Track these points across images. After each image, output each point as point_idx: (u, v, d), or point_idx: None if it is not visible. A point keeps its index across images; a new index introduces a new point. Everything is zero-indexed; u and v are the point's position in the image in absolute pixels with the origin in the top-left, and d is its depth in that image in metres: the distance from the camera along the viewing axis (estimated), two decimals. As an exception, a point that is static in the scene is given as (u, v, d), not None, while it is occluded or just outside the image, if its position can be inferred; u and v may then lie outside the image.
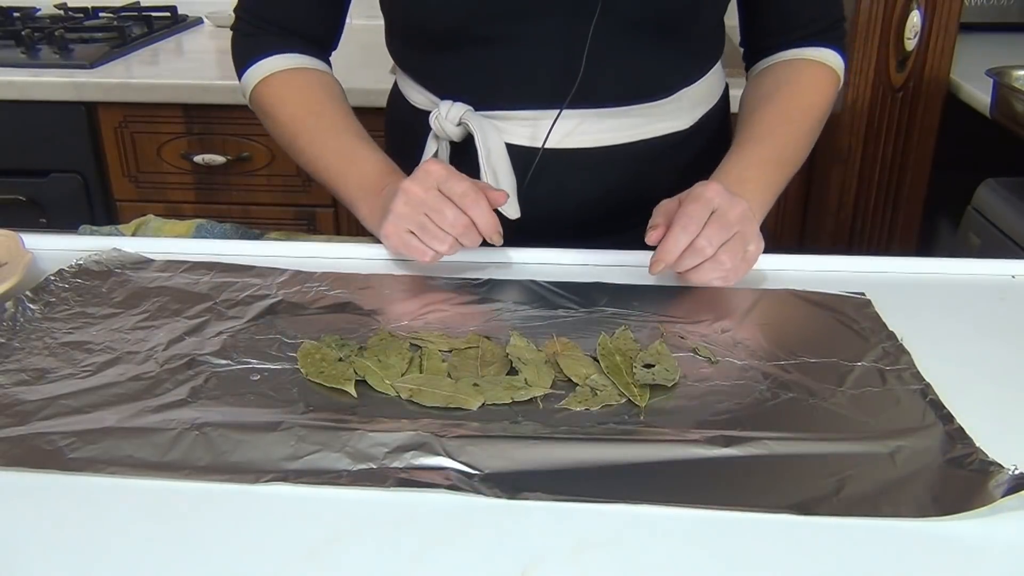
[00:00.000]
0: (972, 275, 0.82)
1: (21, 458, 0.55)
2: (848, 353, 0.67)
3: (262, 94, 0.92)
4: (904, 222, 1.56)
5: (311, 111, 0.90)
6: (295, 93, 0.91)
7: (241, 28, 0.94)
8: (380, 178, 0.85)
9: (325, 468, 0.54)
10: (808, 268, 0.83)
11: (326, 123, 0.90)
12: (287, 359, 0.66)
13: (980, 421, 0.59)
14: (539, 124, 0.85)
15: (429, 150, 0.90)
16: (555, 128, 0.84)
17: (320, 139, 0.89)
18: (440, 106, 0.87)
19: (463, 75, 0.86)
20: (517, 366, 0.65)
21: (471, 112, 0.86)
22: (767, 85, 0.92)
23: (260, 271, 0.80)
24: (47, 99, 1.61)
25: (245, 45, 0.93)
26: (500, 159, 0.85)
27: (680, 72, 0.89)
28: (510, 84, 0.85)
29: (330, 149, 0.89)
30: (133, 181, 1.69)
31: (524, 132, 0.86)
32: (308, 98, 0.91)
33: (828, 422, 0.59)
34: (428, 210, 0.76)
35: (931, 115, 1.47)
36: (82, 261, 0.80)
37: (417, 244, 0.78)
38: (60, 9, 2.02)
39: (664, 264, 0.74)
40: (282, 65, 0.91)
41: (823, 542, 0.50)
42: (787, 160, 0.88)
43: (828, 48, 0.92)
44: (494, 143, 0.85)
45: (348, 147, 0.88)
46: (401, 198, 0.77)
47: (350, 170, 0.87)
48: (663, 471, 0.55)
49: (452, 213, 0.75)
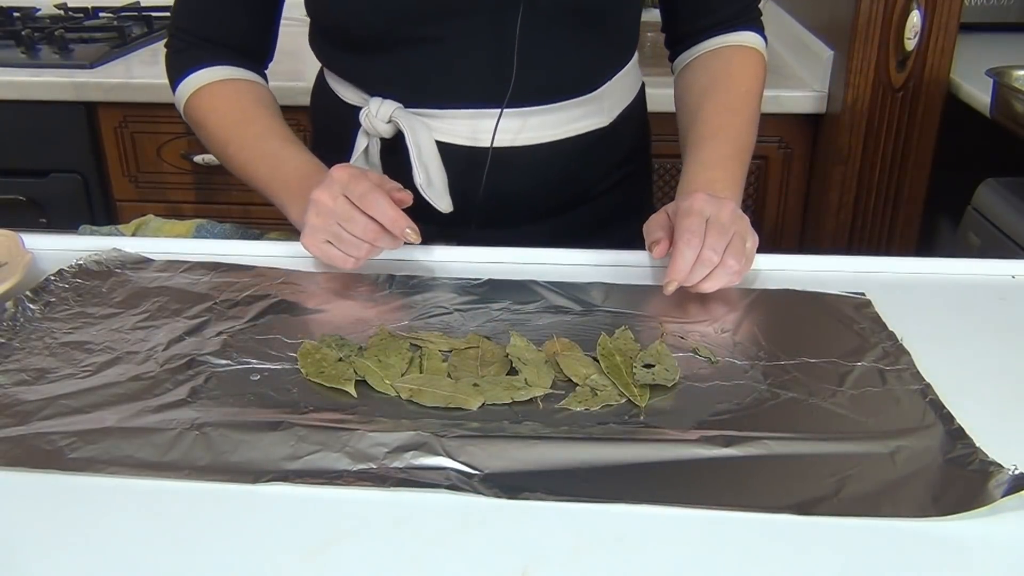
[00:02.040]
0: (972, 275, 0.82)
1: (21, 458, 0.55)
2: (848, 353, 0.67)
3: (193, 106, 0.93)
4: (904, 222, 1.55)
5: (239, 119, 0.91)
6: (223, 103, 0.92)
7: (173, 44, 0.95)
8: (305, 180, 0.84)
9: (325, 468, 0.54)
10: (808, 268, 0.83)
11: (254, 130, 0.91)
12: (287, 359, 0.66)
13: (980, 421, 0.59)
14: (477, 123, 0.86)
15: (360, 146, 0.90)
16: (487, 127, 0.85)
17: (248, 145, 0.90)
18: (370, 103, 0.88)
19: (391, 75, 0.87)
20: (517, 366, 0.65)
21: (401, 110, 0.87)
22: (701, 80, 0.94)
23: (260, 271, 0.80)
24: (47, 99, 1.61)
25: (177, 60, 0.94)
26: (431, 156, 0.86)
27: (603, 65, 0.91)
28: (441, 83, 0.86)
29: (257, 155, 0.90)
30: (133, 181, 1.69)
31: (461, 131, 0.87)
32: (236, 107, 0.92)
33: (828, 422, 0.59)
34: (339, 219, 0.76)
35: (931, 115, 1.47)
36: (82, 261, 0.80)
37: (336, 253, 0.78)
38: (60, 9, 2.02)
39: (677, 283, 0.74)
40: (212, 77, 0.92)
41: (823, 542, 0.50)
42: (743, 150, 0.90)
43: (748, 31, 0.95)
44: (424, 140, 0.86)
45: (274, 151, 0.89)
46: (312, 209, 0.77)
47: (275, 174, 0.88)
48: (663, 471, 0.55)
49: (362, 220, 0.76)
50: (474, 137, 0.87)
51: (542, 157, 0.89)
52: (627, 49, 0.95)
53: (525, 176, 0.90)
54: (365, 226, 0.76)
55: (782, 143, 1.59)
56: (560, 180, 0.92)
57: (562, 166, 0.91)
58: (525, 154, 0.88)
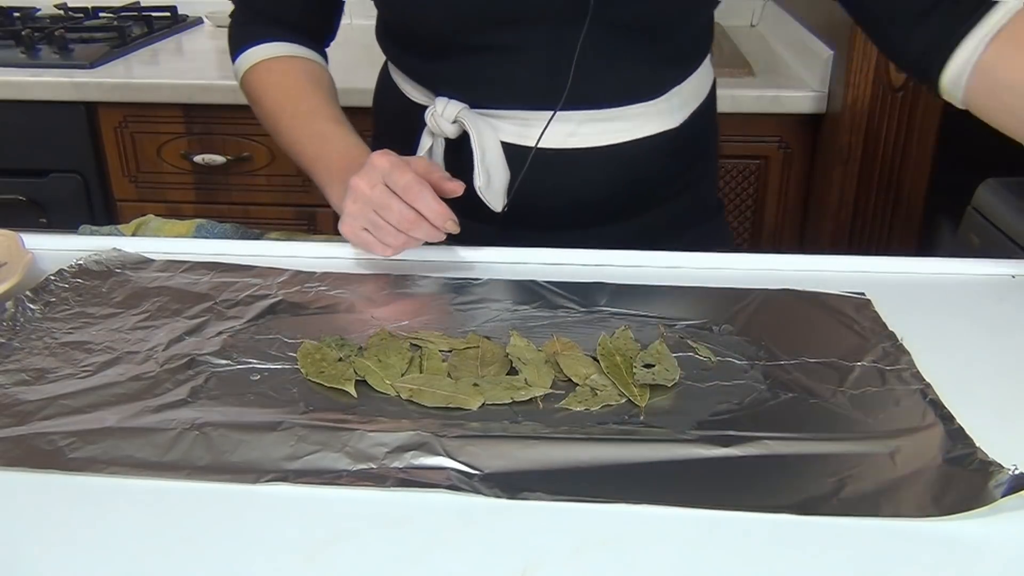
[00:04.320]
0: (972, 275, 0.82)
1: (21, 458, 0.55)
2: (848, 353, 0.67)
3: (250, 81, 0.94)
4: (904, 222, 1.55)
5: (292, 97, 0.92)
6: (280, 79, 0.93)
7: (237, 17, 0.97)
8: (347, 163, 0.84)
9: (325, 468, 0.54)
10: (808, 268, 0.83)
11: (305, 108, 0.91)
12: (287, 359, 0.66)
13: (980, 421, 0.59)
14: (530, 123, 0.85)
15: (424, 146, 0.90)
16: (550, 129, 0.84)
17: (298, 124, 0.91)
18: (436, 103, 0.87)
19: (455, 77, 0.86)
20: (517, 366, 0.65)
21: (467, 110, 0.86)
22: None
23: (260, 271, 0.80)
24: (47, 99, 1.61)
25: (239, 33, 0.96)
26: (495, 158, 0.85)
27: (670, 72, 0.89)
28: (503, 87, 0.85)
29: (306, 133, 0.90)
30: (133, 181, 1.69)
31: (514, 130, 0.86)
32: (291, 84, 0.93)
33: (828, 422, 0.59)
34: (376, 207, 0.76)
35: (931, 115, 1.47)
36: (82, 261, 0.80)
37: (372, 240, 0.78)
38: (60, 9, 2.02)
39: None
40: (271, 53, 0.93)
41: (823, 542, 0.50)
42: None
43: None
44: (489, 142, 0.85)
45: (321, 131, 0.89)
46: (350, 196, 0.78)
47: (320, 153, 0.88)
48: (663, 471, 0.55)
49: (398, 207, 0.75)
50: (524, 135, 0.85)
51: (602, 160, 0.87)
52: (697, 55, 0.92)
53: (587, 179, 0.88)
54: (401, 214, 0.75)
55: (782, 143, 1.59)
56: (625, 183, 0.89)
57: (626, 169, 0.88)
58: (573, 157, 0.86)
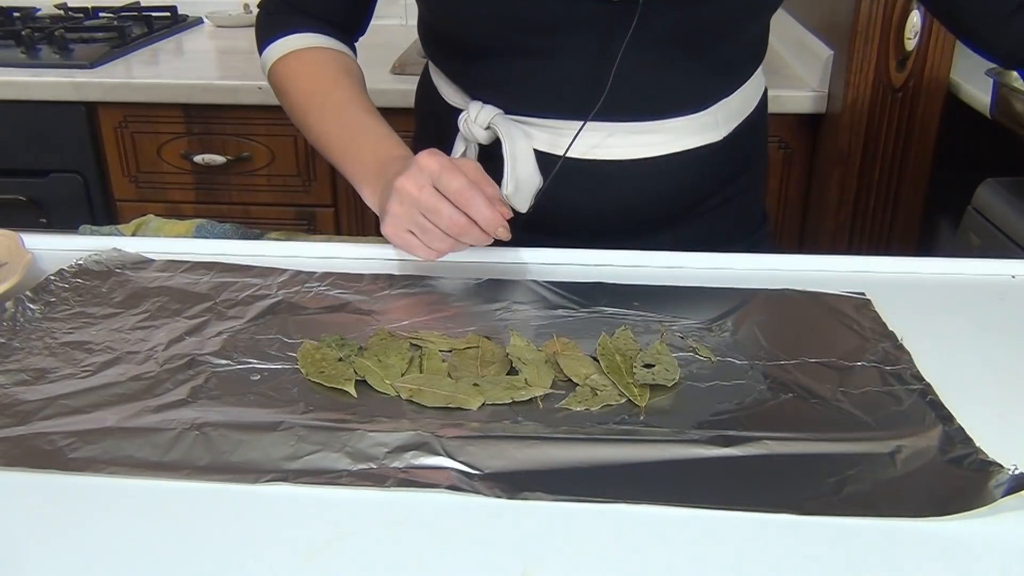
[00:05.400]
0: (972, 275, 0.82)
1: (21, 458, 0.55)
2: (848, 353, 0.67)
3: (278, 72, 0.92)
4: (904, 222, 1.55)
5: (322, 88, 0.90)
6: (308, 70, 0.91)
7: (266, 6, 0.95)
8: (383, 161, 0.82)
9: (325, 468, 0.54)
10: (808, 268, 0.83)
11: (336, 99, 0.89)
12: (287, 359, 0.66)
13: (980, 421, 0.59)
14: (562, 132, 0.83)
15: (457, 151, 0.88)
16: (582, 139, 0.81)
17: (328, 117, 0.88)
18: (470, 108, 0.85)
19: (493, 81, 0.85)
20: (517, 366, 0.65)
21: (501, 116, 0.84)
22: None
23: (260, 271, 0.80)
24: (47, 99, 1.61)
25: (268, 23, 0.94)
26: (526, 165, 0.83)
27: (717, 85, 0.85)
28: (539, 93, 0.83)
29: (336, 124, 0.88)
30: (133, 181, 1.69)
31: (547, 138, 0.84)
32: (320, 76, 0.91)
33: (828, 422, 0.59)
34: (424, 210, 0.74)
35: (931, 115, 1.47)
36: (82, 261, 0.80)
37: (417, 243, 0.77)
38: (60, 9, 2.02)
39: None
40: (300, 44, 0.91)
41: (823, 542, 0.50)
42: None
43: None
44: (521, 150, 0.83)
45: (352, 122, 0.87)
46: (395, 198, 0.75)
47: (350, 146, 0.86)
48: (663, 471, 0.55)
49: (448, 212, 0.73)
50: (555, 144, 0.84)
51: (632, 172, 0.85)
52: (749, 66, 0.88)
53: (613, 190, 0.85)
54: (451, 219, 0.73)
55: (782, 143, 1.59)
56: (658, 196, 0.87)
57: (658, 182, 0.86)
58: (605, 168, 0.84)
